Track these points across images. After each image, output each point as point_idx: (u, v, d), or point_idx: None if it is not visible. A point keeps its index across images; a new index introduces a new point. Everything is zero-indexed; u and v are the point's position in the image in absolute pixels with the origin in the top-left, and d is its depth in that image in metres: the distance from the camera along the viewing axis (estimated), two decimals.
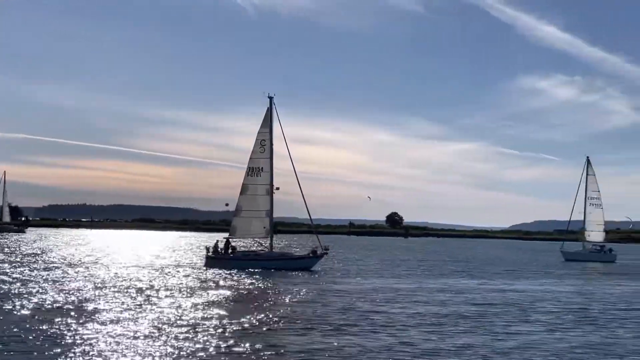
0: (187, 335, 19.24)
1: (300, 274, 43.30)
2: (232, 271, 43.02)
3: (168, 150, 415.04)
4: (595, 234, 78.53)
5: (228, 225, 51.72)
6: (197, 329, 20.20)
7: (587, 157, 78.75)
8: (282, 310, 25.27)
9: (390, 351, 18.01)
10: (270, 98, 48.50)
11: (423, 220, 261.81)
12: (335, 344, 18.68)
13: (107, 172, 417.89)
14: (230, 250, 47.81)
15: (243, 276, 40.27)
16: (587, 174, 78.14)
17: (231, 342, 18.45)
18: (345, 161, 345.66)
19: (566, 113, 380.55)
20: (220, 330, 20.37)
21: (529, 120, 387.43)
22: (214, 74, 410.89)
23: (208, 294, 30.24)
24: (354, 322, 22.83)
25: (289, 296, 30.42)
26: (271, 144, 48.15)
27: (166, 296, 28.62)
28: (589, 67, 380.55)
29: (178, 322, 21.53)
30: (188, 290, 31.25)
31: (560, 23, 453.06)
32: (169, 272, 42.15)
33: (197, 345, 17.80)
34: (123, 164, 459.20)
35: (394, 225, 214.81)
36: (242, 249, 49.84)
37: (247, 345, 18.04)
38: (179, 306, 25.34)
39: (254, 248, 49.01)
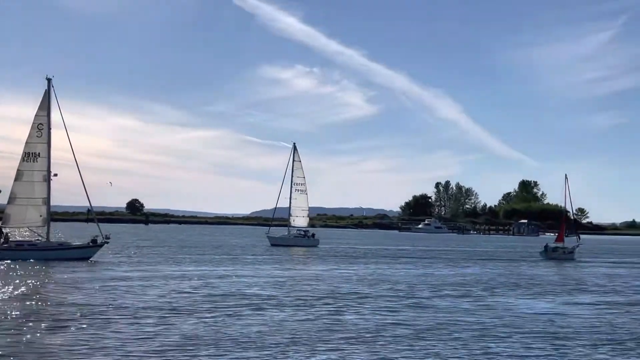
0: None
1: (77, 264, 42.13)
2: (3, 262, 40.80)
3: None
4: (299, 219, 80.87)
5: None
6: None
7: (294, 143, 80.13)
8: (34, 304, 24.48)
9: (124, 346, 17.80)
10: (49, 80, 46.22)
11: (165, 207, 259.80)
12: (69, 340, 18.23)
13: None
14: (2, 240, 44.96)
15: (14, 267, 38.38)
16: (293, 160, 79.88)
17: None
18: (86, 147, 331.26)
19: (305, 103, 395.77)
20: None
21: (270, 109, 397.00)
22: None
23: None
24: (108, 314, 22.57)
25: (49, 288, 29.58)
26: (49, 129, 45.94)
27: None
28: (327, 59, 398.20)
29: None
30: None
31: (300, 14, 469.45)
32: None
33: None
34: None
35: (135, 212, 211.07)
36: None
37: None
38: None
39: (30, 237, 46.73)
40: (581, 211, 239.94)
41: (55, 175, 45.94)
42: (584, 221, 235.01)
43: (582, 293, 35.23)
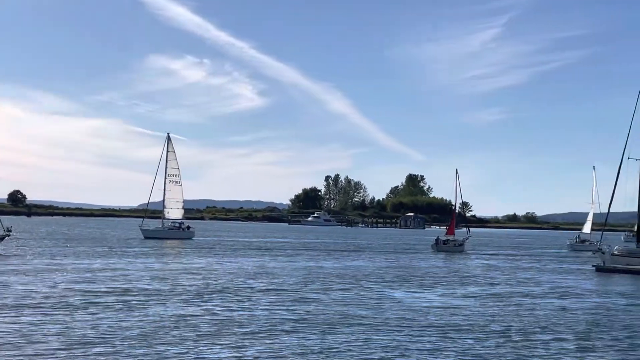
0: None
1: None
2: None
3: None
4: (174, 211, 79.60)
5: None
6: None
7: (168, 133, 79.57)
8: None
9: None
10: None
11: (49, 199, 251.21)
12: None
13: None
14: None
15: None
16: (167, 151, 78.60)
17: None
18: None
19: (195, 95, 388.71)
20: None
21: (159, 100, 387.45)
22: None
23: None
24: None
25: None
26: None
27: None
28: (217, 50, 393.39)
29: None
30: None
31: (190, 4, 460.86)
32: None
33: None
34: None
35: (17, 203, 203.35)
36: None
37: None
38: None
39: None
40: (465, 205, 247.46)
41: None
42: (468, 214, 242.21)
43: (471, 285, 35.29)
